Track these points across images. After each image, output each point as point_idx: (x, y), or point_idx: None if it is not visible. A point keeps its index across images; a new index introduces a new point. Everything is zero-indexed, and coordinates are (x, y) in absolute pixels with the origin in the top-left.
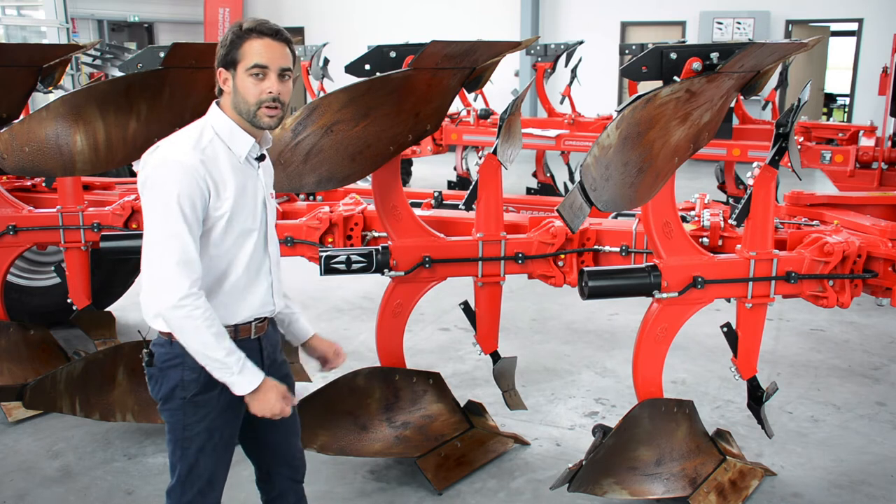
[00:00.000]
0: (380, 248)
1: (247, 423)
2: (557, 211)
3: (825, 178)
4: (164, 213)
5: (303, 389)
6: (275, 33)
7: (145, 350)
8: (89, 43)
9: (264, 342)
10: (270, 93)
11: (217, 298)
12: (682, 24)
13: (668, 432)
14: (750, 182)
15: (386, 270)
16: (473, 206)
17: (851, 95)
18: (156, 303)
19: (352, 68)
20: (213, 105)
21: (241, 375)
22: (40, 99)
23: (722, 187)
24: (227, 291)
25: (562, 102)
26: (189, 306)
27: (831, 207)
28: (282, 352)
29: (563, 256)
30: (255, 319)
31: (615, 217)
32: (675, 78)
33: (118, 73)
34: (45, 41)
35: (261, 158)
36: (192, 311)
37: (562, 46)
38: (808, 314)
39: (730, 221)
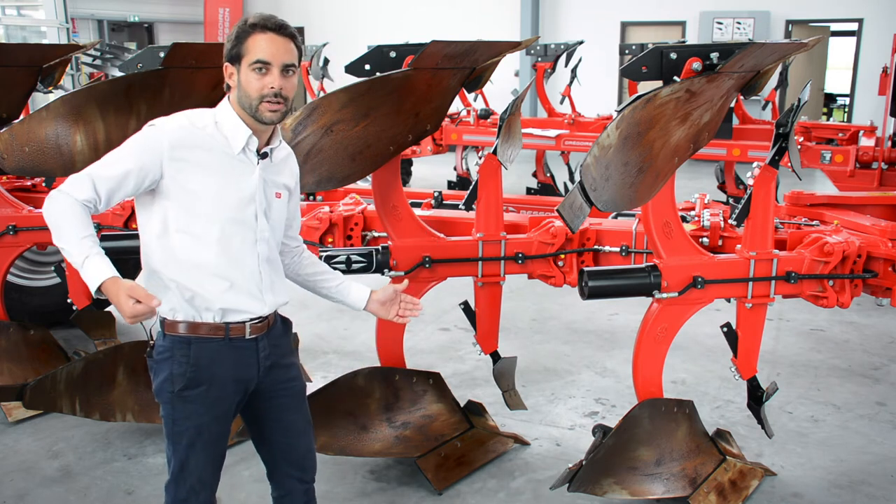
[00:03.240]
0: (380, 248)
1: (253, 421)
2: (557, 211)
3: (825, 178)
4: (117, 152)
5: None
6: (279, 28)
7: (150, 341)
8: (89, 43)
9: (262, 343)
10: (272, 88)
11: (189, 273)
12: (682, 24)
13: (668, 432)
14: (750, 182)
15: (386, 270)
16: (473, 206)
17: (851, 95)
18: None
19: (352, 68)
20: (224, 99)
21: (83, 269)
22: (40, 99)
23: (722, 187)
24: (199, 267)
25: (562, 102)
26: (62, 194)
27: (831, 207)
28: (291, 354)
29: (563, 256)
30: (250, 319)
31: (615, 217)
32: (675, 78)
33: (118, 73)
34: (45, 41)
35: (263, 156)
36: (59, 196)
37: (562, 46)
38: (808, 314)
39: (730, 221)
